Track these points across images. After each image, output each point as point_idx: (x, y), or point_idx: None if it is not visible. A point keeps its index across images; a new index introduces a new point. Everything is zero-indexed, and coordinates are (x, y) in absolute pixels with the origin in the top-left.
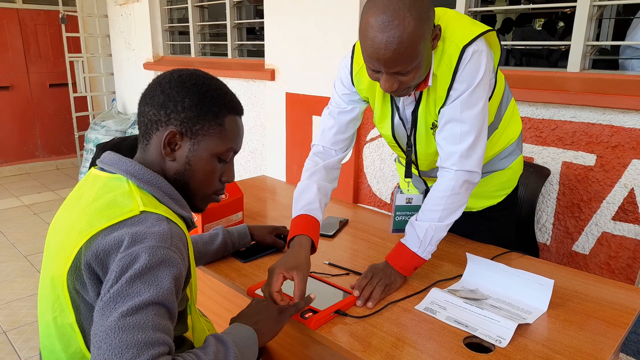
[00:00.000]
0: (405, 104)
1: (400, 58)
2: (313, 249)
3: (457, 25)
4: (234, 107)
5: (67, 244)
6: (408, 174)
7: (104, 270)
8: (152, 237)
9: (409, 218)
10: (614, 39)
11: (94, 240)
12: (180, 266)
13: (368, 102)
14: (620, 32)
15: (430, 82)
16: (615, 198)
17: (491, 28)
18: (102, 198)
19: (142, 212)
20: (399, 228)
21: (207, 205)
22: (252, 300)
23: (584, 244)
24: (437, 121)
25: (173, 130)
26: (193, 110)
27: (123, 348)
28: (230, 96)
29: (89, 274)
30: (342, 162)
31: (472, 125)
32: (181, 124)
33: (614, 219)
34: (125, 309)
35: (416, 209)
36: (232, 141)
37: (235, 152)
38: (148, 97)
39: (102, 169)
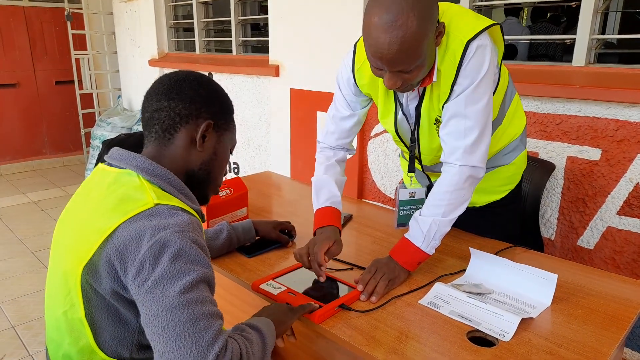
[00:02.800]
0: (409, 99)
1: (403, 57)
2: None
3: (461, 20)
4: (233, 108)
5: (83, 241)
6: (411, 169)
7: (121, 262)
8: (174, 225)
9: (412, 212)
10: (619, 33)
11: (113, 234)
12: (206, 248)
13: (371, 100)
14: (626, 25)
15: (434, 78)
16: (620, 193)
17: (495, 22)
18: (114, 193)
19: (156, 204)
20: (403, 222)
21: (211, 195)
22: (262, 308)
23: (589, 238)
24: (440, 117)
25: (209, 122)
26: (220, 105)
27: (193, 321)
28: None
29: (106, 265)
30: (349, 155)
31: (476, 121)
32: (213, 117)
33: (619, 213)
34: (182, 287)
35: (419, 202)
36: (236, 136)
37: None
38: (174, 92)
39: (110, 165)
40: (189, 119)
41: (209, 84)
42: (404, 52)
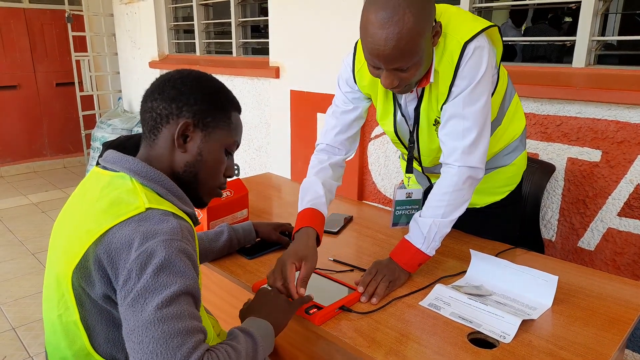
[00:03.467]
0: (407, 100)
1: (399, 54)
2: (318, 241)
3: (458, 21)
4: (237, 105)
5: (74, 243)
6: (409, 170)
7: (113, 268)
8: (163, 232)
9: (408, 212)
10: (620, 34)
11: (104, 237)
12: (194, 256)
13: (371, 99)
14: (626, 26)
15: (432, 79)
16: (620, 194)
17: (493, 24)
18: (106, 197)
19: (147, 209)
20: (398, 222)
21: (210, 199)
22: (258, 292)
23: (590, 240)
24: (439, 117)
25: (187, 121)
26: (204, 103)
27: (167, 338)
28: (233, 95)
29: (98, 270)
30: (347, 159)
31: (475, 121)
32: (194, 115)
33: (619, 215)
34: (160, 302)
35: (415, 202)
36: (237, 135)
37: (237, 147)
38: (157, 93)
39: (104, 167)
40: (169, 118)
41: (194, 81)
42: (401, 49)
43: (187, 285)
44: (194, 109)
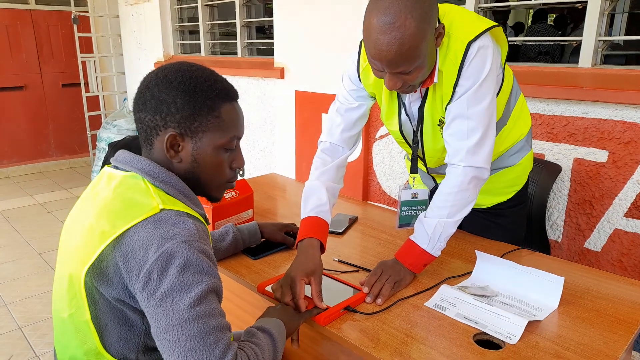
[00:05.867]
0: (412, 100)
1: (402, 59)
2: (322, 249)
3: (462, 21)
4: (227, 95)
5: (88, 244)
6: (414, 170)
7: (128, 270)
8: (181, 234)
9: (414, 213)
10: (626, 34)
11: (121, 240)
12: (213, 256)
13: (375, 98)
14: (632, 26)
15: (436, 79)
16: (627, 195)
17: (497, 23)
18: (119, 197)
19: (162, 210)
20: (405, 223)
21: (222, 193)
22: (267, 308)
23: (596, 241)
24: (444, 117)
25: (172, 133)
26: (187, 109)
27: (204, 335)
28: (221, 84)
29: (115, 272)
30: (351, 159)
31: (479, 121)
32: (179, 125)
33: (626, 215)
34: (192, 300)
35: (422, 203)
36: (233, 129)
37: (239, 139)
38: (140, 103)
39: (115, 167)
40: (158, 130)
41: (174, 83)
42: (403, 54)
43: (213, 282)
44: (177, 117)
